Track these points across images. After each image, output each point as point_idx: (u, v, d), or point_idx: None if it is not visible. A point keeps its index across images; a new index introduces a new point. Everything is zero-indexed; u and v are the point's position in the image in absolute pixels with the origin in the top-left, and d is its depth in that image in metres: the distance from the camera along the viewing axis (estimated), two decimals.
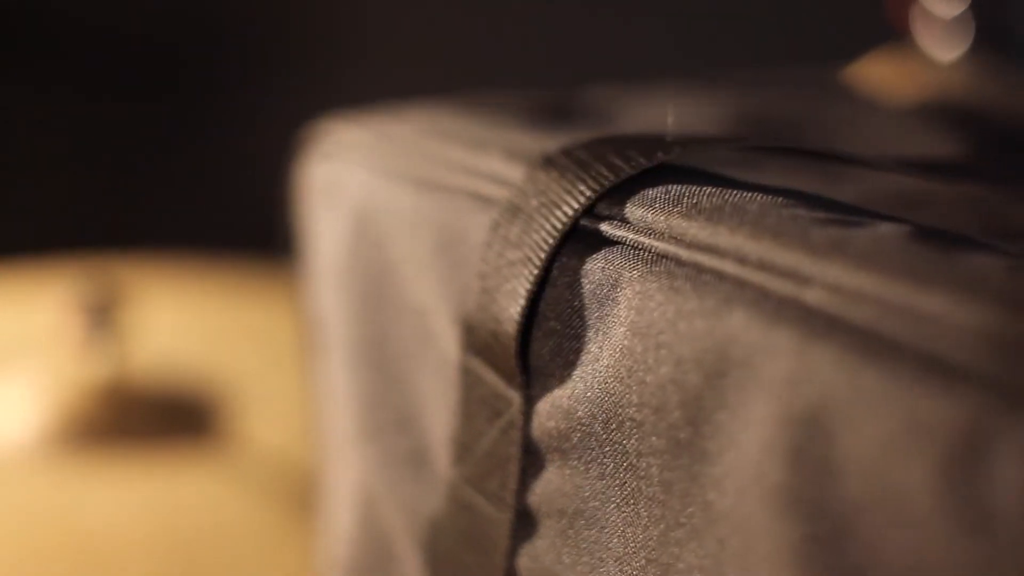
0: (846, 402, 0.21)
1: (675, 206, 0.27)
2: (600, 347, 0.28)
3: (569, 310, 0.28)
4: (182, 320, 0.79)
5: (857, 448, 0.21)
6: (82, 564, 0.59)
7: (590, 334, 0.28)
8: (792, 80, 0.53)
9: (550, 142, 0.33)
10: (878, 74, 0.66)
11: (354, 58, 1.13)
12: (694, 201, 0.27)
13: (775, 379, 0.23)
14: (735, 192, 0.27)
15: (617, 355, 0.27)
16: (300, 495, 0.61)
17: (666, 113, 0.41)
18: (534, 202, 0.30)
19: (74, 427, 0.66)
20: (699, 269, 0.25)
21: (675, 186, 0.28)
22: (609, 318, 0.27)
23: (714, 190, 0.27)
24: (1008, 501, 0.19)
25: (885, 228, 0.24)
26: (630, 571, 0.27)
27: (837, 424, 0.22)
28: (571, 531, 0.29)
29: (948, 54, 0.72)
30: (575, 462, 0.29)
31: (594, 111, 0.42)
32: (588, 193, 0.28)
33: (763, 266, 0.24)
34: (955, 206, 0.31)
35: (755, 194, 0.27)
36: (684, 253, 0.26)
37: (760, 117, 0.42)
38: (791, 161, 0.35)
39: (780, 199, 0.26)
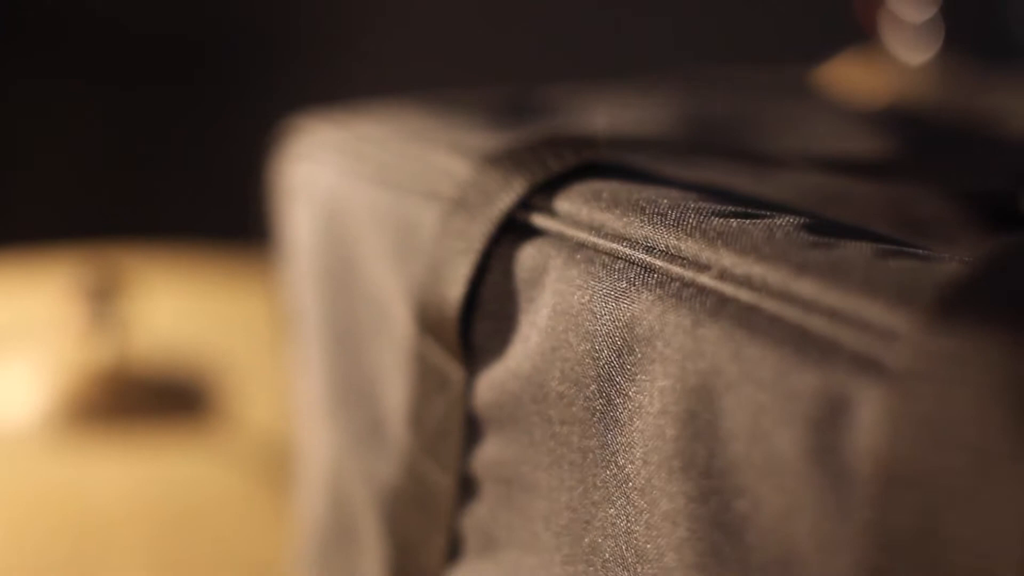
0: (730, 373, 0.24)
1: (597, 200, 0.30)
2: (530, 327, 0.30)
3: (504, 294, 0.31)
4: (180, 306, 0.82)
5: (739, 414, 0.24)
6: (81, 539, 0.62)
7: (521, 316, 0.31)
8: (753, 80, 0.55)
9: (499, 140, 0.36)
10: (846, 75, 0.68)
11: (357, 53, 1.15)
12: (614, 196, 0.29)
13: (672, 354, 0.26)
14: (651, 188, 0.30)
15: (543, 334, 0.30)
16: (291, 473, 0.64)
17: (614, 113, 0.43)
18: (476, 196, 0.32)
19: (75, 409, 0.69)
20: (613, 256, 0.28)
21: (600, 182, 0.31)
22: (537, 301, 0.30)
23: (633, 186, 0.30)
24: (859, 455, 0.21)
25: (778, 220, 0.27)
26: (555, 530, 0.30)
27: (723, 393, 0.24)
28: (508, 495, 0.32)
29: (916, 57, 0.74)
30: (510, 432, 0.31)
31: (549, 109, 0.44)
32: (519, 189, 0.31)
33: (666, 253, 0.27)
34: (870, 202, 0.34)
35: (669, 190, 0.30)
36: (601, 242, 0.28)
37: (706, 117, 0.44)
38: (724, 159, 0.37)
39: (690, 194, 0.29)
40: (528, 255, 0.31)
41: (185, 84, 1.10)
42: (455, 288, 0.32)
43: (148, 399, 0.71)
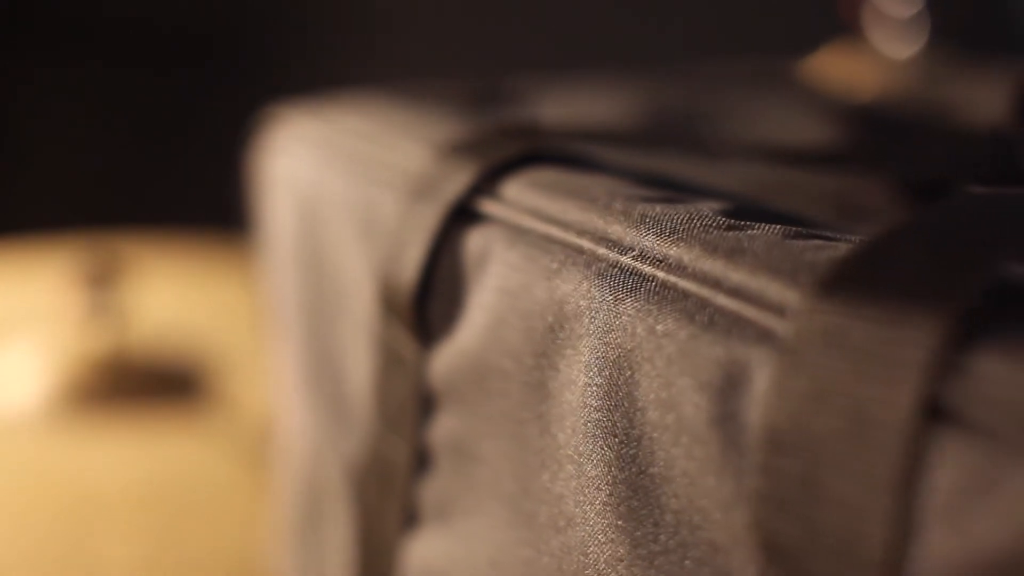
0: (645, 347, 0.26)
1: (538, 186, 0.31)
2: (476, 307, 0.32)
3: (454, 276, 0.33)
4: (178, 294, 0.84)
5: (652, 384, 0.26)
6: (77, 520, 0.64)
7: (469, 296, 0.32)
8: (727, 72, 0.57)
9: (461, 129, 0.38)
10: (829, 68, 0.70)
11: (356, 44, 1.17)
12: (554, 183, 0.31)
13: (596, 330, 0.27)
14: (591, 176, 0.32)
15: (487, 314, 0.31)
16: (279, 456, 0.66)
17: (580, 103, 0.45)
18: (430, 184, 0.34)
19: (74, 394, 0.72)
20: (548, 239, 0.30)
21: (546, 170, 0.32)
22: (483, 282, 0.32)
23: (575, 174, 0.32)
24: (752, 418, 0.23)
25: (701, 206, 0.28)
26: (500, 497, 0.32)
27: (638, 365, 0.26)
28: (460, 466, 0.34)
29: (900, 51, 0.76)
30: (461, 406, 0.33)
31: (518, 99, 0.46)
32: (467, 177, 0.33)
33: (594, 236, 0.28)
34: (814, 190, 0.36)
35: (607, 177, 0.31)
36: (538, 226, 0.30)
37: (671, 108, 0.46)
38: (680, 148, 0.39)
39: (624, 181, 0.31)
40: (475, 239, 0.32)
41: (184, 73, 1.12)
42: (409, 271, 0.34)
43: (145, 385, 0.73)
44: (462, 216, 0.33)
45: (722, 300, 0.25)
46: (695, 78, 0.52)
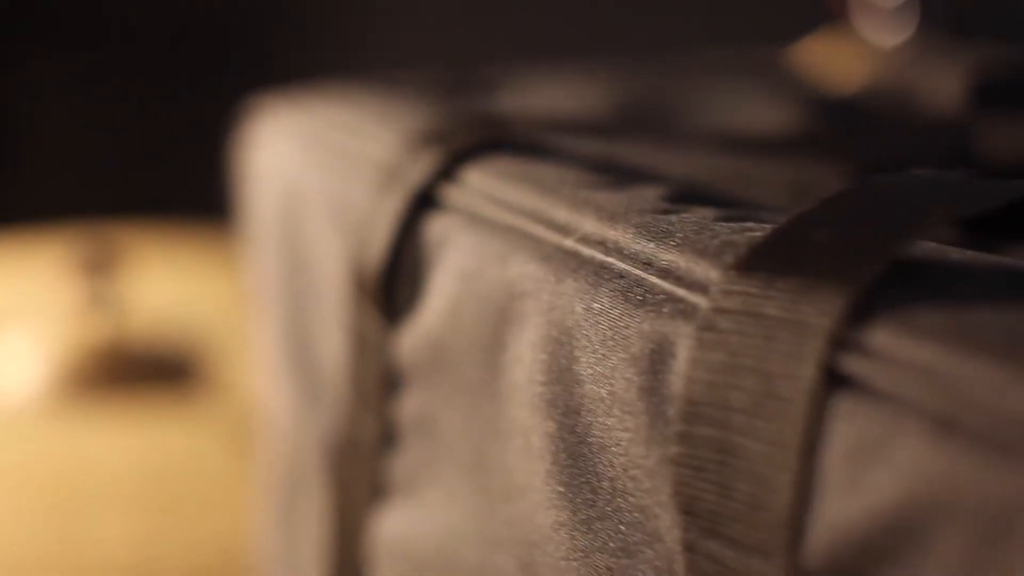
0: (583, 324, 0.27)
1: (496, 174, 0.33)
2: (437, 290, 0.34)
3: (418, 260, 0.35)
4: (174, 283, 0.86)
5: (589, 359, 0.27)
6: (73, 502, 0.66)
7: (431, 279, 0.34)
8: (699, 62, 0.58)
9: (433, 118, 0.39)
10: (814, 57, 0.71)
11: (355, 33, 1.18)
12: (509, 169, 0.33)
13: (541, 308, 0.29)
14: (547, 163, 0.33)
15: (445, 296, 0.33)
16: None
17: (551, 93, 0.46)
18: (398, 172, 0.36)
19: (72, 381, 0.73)
20: (501, 225, 0.31)
21: (505, 158, 0.34)
22: (443, 265, 0.34)
23: (532, 161, 0.33)
24: (674, 388, 0.25)
25: (644, 191, 0.30)
26: (459, 469, 0.33)
27: (576, 340, 0.28)
28: (426, 441, 0.35)
29: (887, 41, 0.77)
30: (425, 384, 0.35)
31: (493, 88, 0.48)
32: (429, 164, 0.34)
33: (542, 220, 0.30)
34: (772, 178, 0.37)
35: (562, 165, 0.33)
36: (492, 211, 0.32)
37: (643, 98, 0.47)
38: (645, 137, 0.41)
39: (577, 169, 0.32)
40: (436, 225, 0.34)
41: (181, 63, 1.13)
42: (375, 257, 0.36)
43: (141, 373, 0.75)
44: (426, 203, 0.35)
45: (653, 279, 0.26)
46: (667, 68, 0.53)
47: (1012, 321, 0.21)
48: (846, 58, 0.72)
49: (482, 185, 0.33)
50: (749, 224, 0.27)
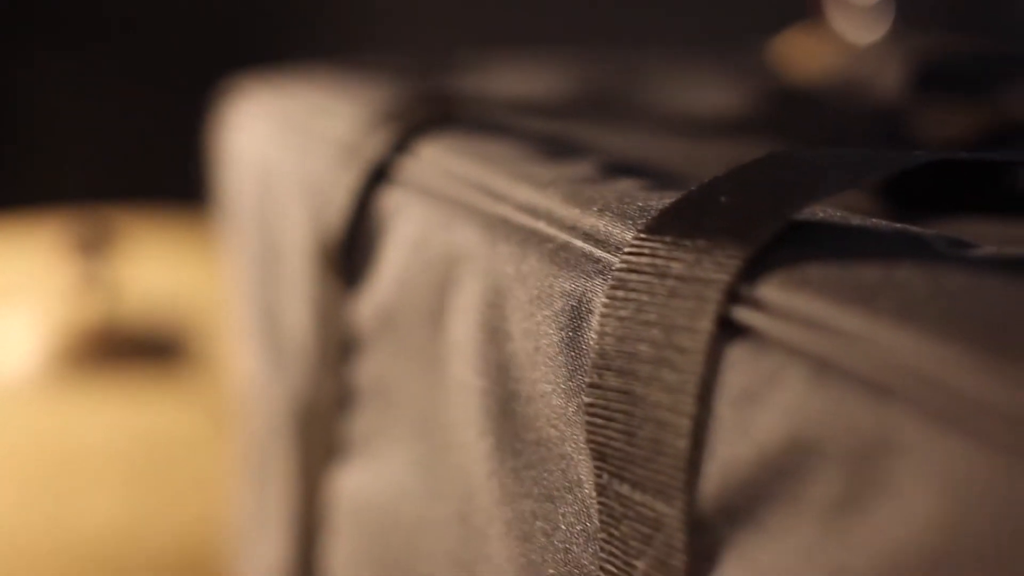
0: (513, 284, 0.29)
1: (445, 148, 0.35)
2: (390, 258, 0.36)
3: (374, 230, 0.36)
4: (166, 265, 0.88)
5: (518, 317, 0.29)
6: (64, 473, 0.68)
7: (385, 249, 0.36)
8: (671, 53, 0.60)
9: (394, 97, 0.41)
10: (787, 51, 0.73)
11: (354, 19, 1.20)
12: (459, 144, 0.35)
13: (477, 271, 0.31)
14: (496, 139, 0.35)
15: (397, 263, 0.35)
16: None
17: (514, 77, 0.48)
18: (357, 147, 0.38)
19: (65, 359, 0.75)
20: (443, 193, 0.33)
21: (457, 133, 0.36)
22: (395, 235, 0.35)
23: (482, 137, 0.35)
24: (590, 341, 0.26)
25: (578, 165, 0.32)
26: (407, 428, 0.35)
27: (507, 300, 0.29)
28: (382, 402, 0.37)
29: (861, 37, 0.78)
30: (380, 348, 0.37)
31: (460, 71, 0.49)
32: (385, 140, 0.36)
33: (481, 189, 0.32)
34: (714, 156, 0.39)
35: (510, 140, 0.35)
36: (439, 182, 0.34)
37: (605, 83, 0.49)
38: (602, 120, 0.42)
39: (523, 144, 0.34)
40: (391, 196, 0.36)
41: (177, 52, 1.15)
42: (334, 228, 0.37)
43: (132, 351, 0.77)
44: (382, 177, 0.37)
45: (576, 242, 0.28)
46: (630, 56, 0.55)
47: (887, 276, 0.22)
48: (818, 53, 0.74)
49: (432, 159, 0.35)
50: (669, 193, 0.29)
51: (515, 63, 0.51)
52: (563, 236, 0.28)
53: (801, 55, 0.73)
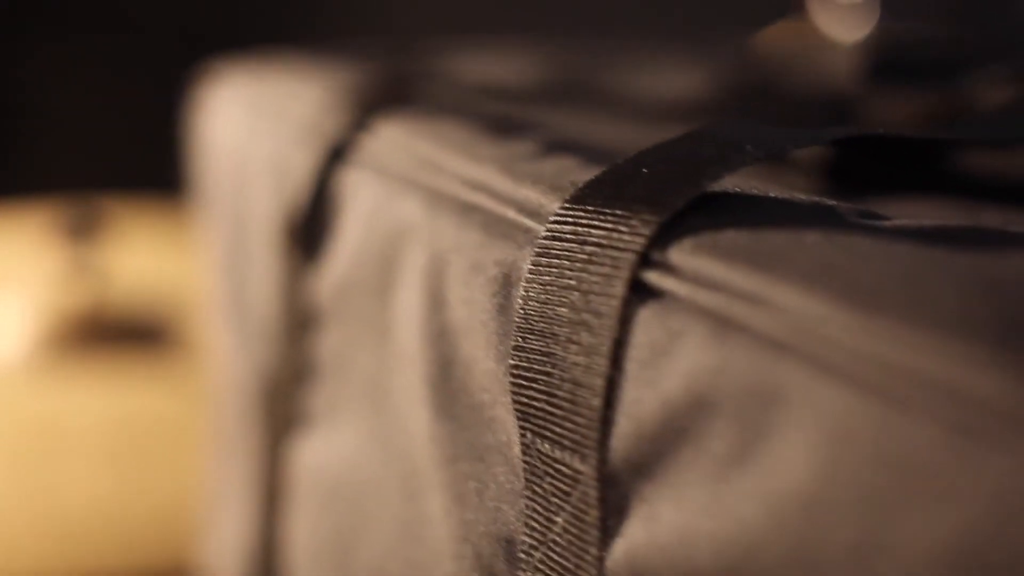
0: (453, 255, 0.30)
1: (401, 127, 0.36)
2: (347, 234, 0.37)
3: (332, 209, 0.38)
4: (154, 253, 0.89)
5: (456, 286, 0.30)
6: (49, 456, 0.69)
7: (343, 225, 0.37)
8: (644, 44, 0.61)
9: (356, 78, 0.42)
10: (769, 46, 0.73)
11: (345, 15, 1.21)
12: (414, 123, 0.36)
13: (421, 244, 0.32)
14: (450, 119, 0.36)
15: (353, 239, 0.36)
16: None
17: (485, 64, 0.49)
18: (317, 125, 0.39)
19: (54, 344, 0.77)
20: (397, 171, 0.34)
21: (413, 112, 0.37)
22: (352, 211, 0.36)
23: (436, 117, 0.36)
24: (515, 305, 0.27)
25: (520, 142, 0.33)
26: (361, 398, 0.36)
27: (446, 270, 0.30)
28: (339, 374, 0.38)
29: (847, 35, 0.79)
30: (339, 321, 0.38)
31: (432, 57, 0.50)
32: (340, 119, 0.37)
33: (425, 164, 0.33)
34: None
35: (461, 119, 0.36)
36: (392, 159, 0.35)
37: (564, 70, 0.50)
38: (558, 103, 0.43)
39: (474, 123, 0.35)
40: (350, 174, 0.37)
41: (172, 44, 1.16)
42: (295, 205, 0.39)
43: (119, 337, 0.78)
44: (342, 156, 0.38)
45: (511, 214, 0.29)
46: (601, 45, 0.56)
47: (790, 241, 0.23)
48: (799, 50, 0.75)
49: (388, 137, 0.36)
50: (603, 168, 0.30)
51: (488, 49, 0.52)
52: (498, 208, 0.30)
53: (781, 51, 0.74)
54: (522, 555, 0.28)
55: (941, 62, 0.45)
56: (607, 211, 0.26)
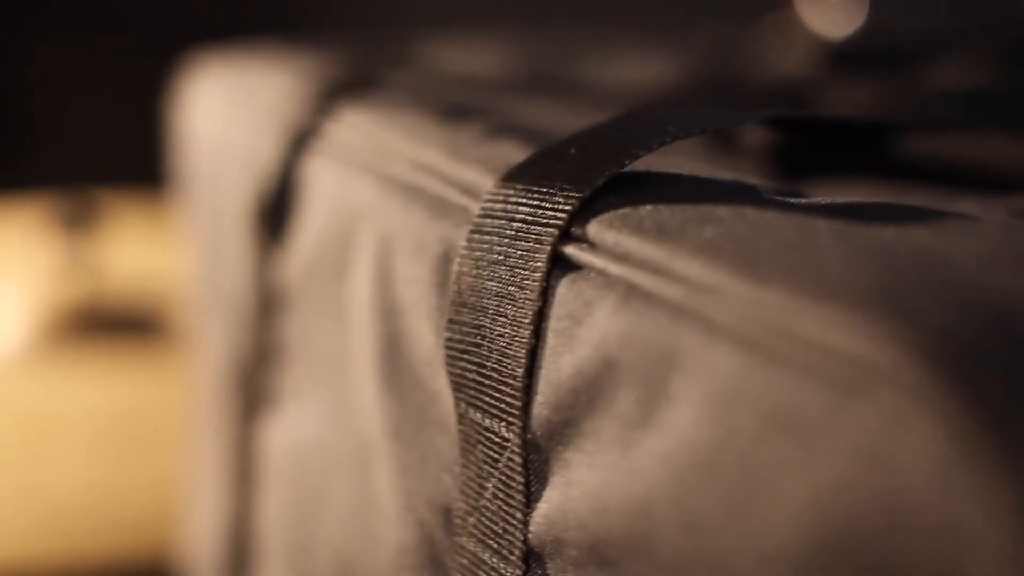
0: (399, 233, 0.31)
1: (361, 112, 0.37)
2: (310, 218, 0.38)
3: (295, 198, 0.39)
4: (150, 245, 0.91)
5: (401, 264, 0.31)
6: (45, 439, 0.71)
7: (307, 210, 0.38)
8: (618, 35, 0.62)
9: (321, 65, 0.43)
10: (763, 39, 0.74)
11: (339, 6, 1.22)
12: (377, 109, 0.37)
13: (373, 225, 0.33)
14: (410, 104, 0.37)
15: (315, 224, 0.37)
16: None
17: (459, 53, 0.50)
18: (279, 109, 0.40)
19: (49, 335, 0.78)
20: (351, 155, 0.35)
21: (377, 100, 0.38)
22: (315, 196, 0.38)
23: (398, 103, 0.37)
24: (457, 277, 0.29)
25: (473, 128, 0.34)
26: (322, 375, 0.38)
27: (394, 249, 0.32)
28: (304, 355, 0.40)
29: (835, 32, 0.79)
30: (303, 303, 0.39)
31: (406, 47, 0.52)
32: (302, 106, 0.38)
33: (379, 149, 0.34)
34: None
35: (422, 106, 0.37)
36: (348, 144, 0.36)
37: (533, 59, 0.51)
38: (535, 93, 0.44)
39: (433, 109, 0.36)
40: (314, 161, 0.38)
41: (167, 33, 1.17)
42: (261, 191, 0.40)
43: (113, 328, 0.80)
44: (306, 141, 0.39)
45: (453, 195, 0.30)
46: (572, 35, 0.57)
47: (699, 215, 0.25)
48: (776, 42, 0.75)
49: (349, 123, 0.37)
50: (545, 149, 0.31)
51: (460, 39, 0.53)
52: (441, 189, 0.31)
53: (761, 43, 0.74)
54: (458, 521, 0.29)
55: (900, 51, 0.46)
56: (534, 189, 0.27)
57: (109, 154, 1.07)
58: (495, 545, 0.27)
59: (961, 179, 0.34)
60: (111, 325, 0.79)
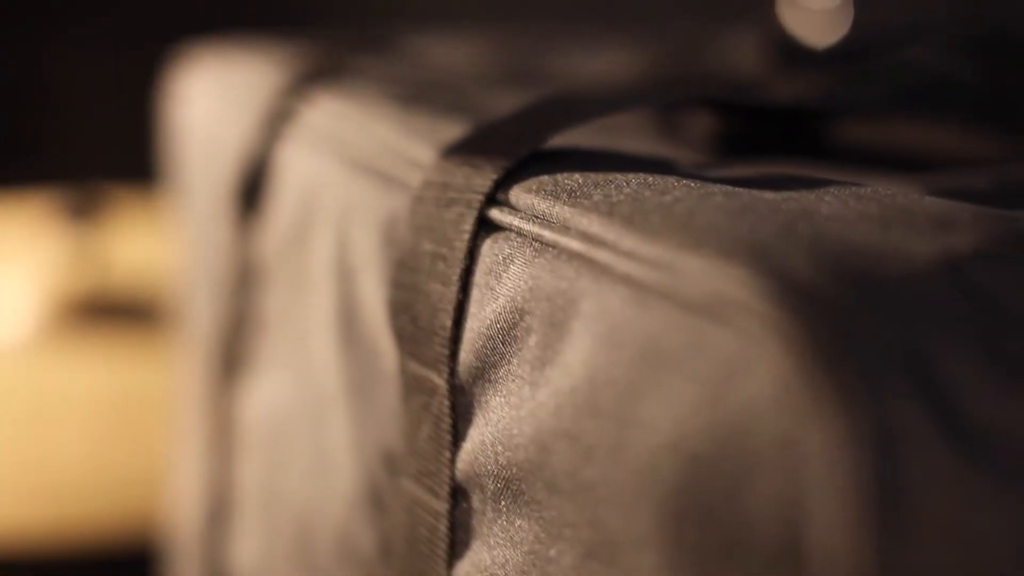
0: (356, 205, 0.34)
1: (334, 98, 0.40)
2: (284, 196, 0.41)
3: (271, 177, 0.42)
4: (155, 237, 0.94)
5: (355, 234, 0.34)
6: (47, 421, 0.74)
7: (280, 189, 0.41)
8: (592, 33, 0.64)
9: (296, 53, 0.46)
10: (737, 40, 0.77)
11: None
12: (346, 95, 0.40)
13: (334, 198, 0.36)
14: (386, 97, 0.40)
15: (287, 204, 0.40)
16: None
17: (438, 47, 0.53)
18: (255, 91, 0.43)
19: (55, 322, 0.82)
20: (320, 135, 0.38)
21: (346, 87, 0.41)
22: (287, 178, 0.41)
23: (364, 89, 0.40)
24: (400, 242, 0.31)
25: (429, 108, 0.37)
26: (290, 343, 0.40)
27: (352, 218, 0.34)
28: (280, 326, 0.42)
29: (819, 41, 0.82)
30: (279, 278, 0.42)
31: (385, 40, 0.54)
32: (274, 86, 0.41)
33: (344, 130, 0.37)
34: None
35: (387, 91, 0.40)
36: (318, 125, 0.39)
37: (514, 54, 0.54)
38: (506, 83, 0.47)
39: (399, 95, 0.39)
40: (287, 145, 0.41)
41: (173, 27, 1.19)
42: (240, 176, 0.43)
43: (117, 316, 0.83)
44: (282, 123, 0.42)
45: (403, 170, 0.33)
46: (547, 31, 0.60)
47: (603, 182, 0.27)
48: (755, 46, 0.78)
49: (323, 107, 0.40)
50: (485, 129, 0.34)
51: (442, 32, 0.56)
52: (393, 164, 0.34)
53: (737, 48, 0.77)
54: (399, 464, 0.31)
55: (851, 47, 0.48)
56: (467, 161, 0.30)
57: (114, 148, 1.10)
58: (428, 483, 0.30)
59: (888, 161, 0.37)
60: (112, 313, 0.82)
